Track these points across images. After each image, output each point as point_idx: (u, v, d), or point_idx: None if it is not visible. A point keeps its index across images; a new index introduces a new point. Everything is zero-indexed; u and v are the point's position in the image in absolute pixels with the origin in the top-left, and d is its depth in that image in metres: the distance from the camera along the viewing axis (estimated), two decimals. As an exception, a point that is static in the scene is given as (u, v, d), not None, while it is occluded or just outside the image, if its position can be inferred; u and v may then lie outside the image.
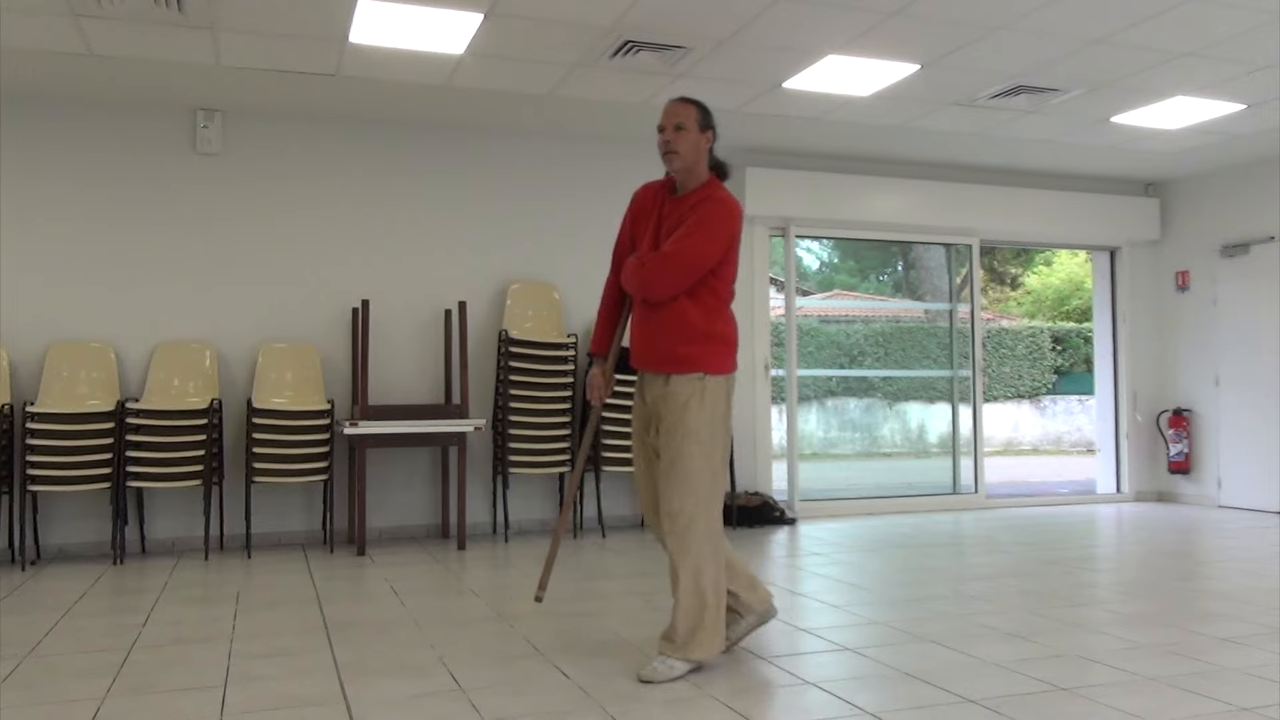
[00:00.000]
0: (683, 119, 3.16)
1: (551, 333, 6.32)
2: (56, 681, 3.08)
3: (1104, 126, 6.41)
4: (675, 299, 3.11)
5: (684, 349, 3.10)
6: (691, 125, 3.16)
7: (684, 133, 3.15)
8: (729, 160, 3.38)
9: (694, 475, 3.06)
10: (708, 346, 3.12)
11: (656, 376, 3.16)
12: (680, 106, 3.19)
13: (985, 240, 7.90)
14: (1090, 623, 3.77)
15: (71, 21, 4.54)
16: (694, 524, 3.05)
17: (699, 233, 3.08)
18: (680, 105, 3.20)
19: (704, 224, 3.09)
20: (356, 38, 4.79)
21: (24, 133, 5.58)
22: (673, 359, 3.11)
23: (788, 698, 2.89)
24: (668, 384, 3.12)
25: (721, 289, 3.17)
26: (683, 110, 3.18)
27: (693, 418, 3.07)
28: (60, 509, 5.46)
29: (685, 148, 3.16)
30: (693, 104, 3.21)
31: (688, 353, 3.10)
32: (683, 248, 3.08)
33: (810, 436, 14.16)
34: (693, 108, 3.19)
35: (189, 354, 5.71)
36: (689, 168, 3.20)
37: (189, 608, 4.16)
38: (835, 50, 5.03)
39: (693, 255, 3.08)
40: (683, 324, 3.11)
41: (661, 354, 3.13)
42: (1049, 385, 16.49)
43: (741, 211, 3.22)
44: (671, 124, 3.16)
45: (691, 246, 3.08)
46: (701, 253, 3.08)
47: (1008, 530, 6.42)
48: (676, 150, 3.16)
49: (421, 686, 2.99)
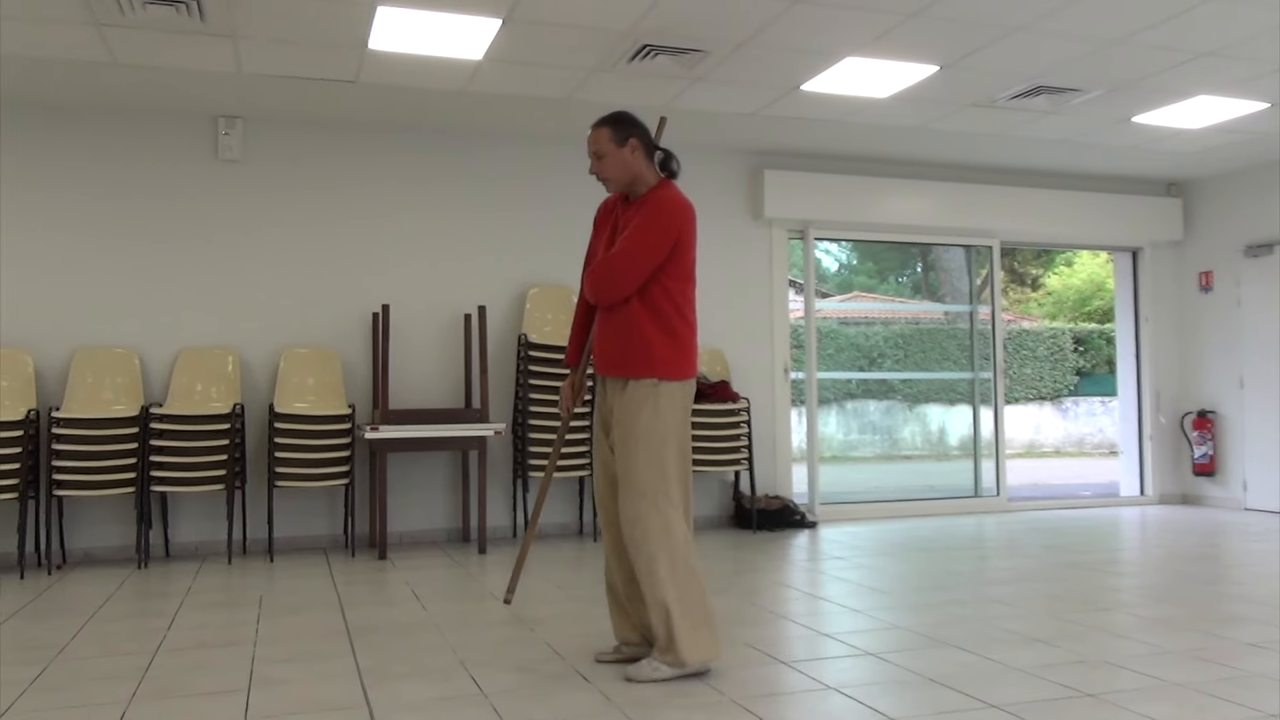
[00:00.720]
0: (599, 146, 3.19)
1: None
2: (82, 685, 3.11)
3: (1125, 126, 6.37)
4: (628, 303, 3.11)
5: (637, 354, 3.11)
6: (609, 148, 3.17)
7: (605, 159, 3.19)
8: (753, 161, 3.37)
9: (646, 480, 3.06)
10: (661, 351, 3.10)
11: (615, 381, 3.17)
12: (594, 134, 3.21)
13: (1006, 241, 7.86)
14: (1115, 627, 3.74)
15: (95, 31, 4.59)
16: (647, 528, 3.03)
17: (640, 232, 3.09)
18: (594, 133, 3.21)
19: (645, 223, 3.10)
20: (376, 44, 4.82)
21: (49, 142, 5.64)
22: (626, 363, 3.12)
23: (810, 703, 2.88)
24: (624, 388, 3.13)
25: (675, 291, 3.13)
26: (596, 138, 3.20)
27: (646, 423, 3.07)
28: (85, 513, 5.51)
29: (612, 170, 3.19)
30: (603, 125, 3.20)
31: (642, 357, 3.10)
32: (624, 248, 3.09)
33: (830, 439, 14.12)
34: (604, 129, 3.19)
35: (212, 359, 5.76)
36: (628, 182, 3.21)
37: (212, 612, 4.19)
38: (854, 52, 5.02)
39: (633, 255, 3.08)
40: (635, 328, 3.11)
41: (616, 358, 3.14)
42: (1071, 387, 16.38)
43: (688, 208, 3.18)
44: (592, 154, 3.21)
45: (632, 247, 3.09)
46: (642, 252, 3.08)
47: (1030, 533, 6.37)
48: (607, 177, 3.21)
49: (443, 690, 3.00)
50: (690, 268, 3.19)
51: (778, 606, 4.20)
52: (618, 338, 3.13)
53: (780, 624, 3.88)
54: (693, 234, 3.18)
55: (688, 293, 3.18)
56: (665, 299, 3.11)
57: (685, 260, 3.16)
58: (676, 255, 3.12)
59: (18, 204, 5.58)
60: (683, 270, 3.15)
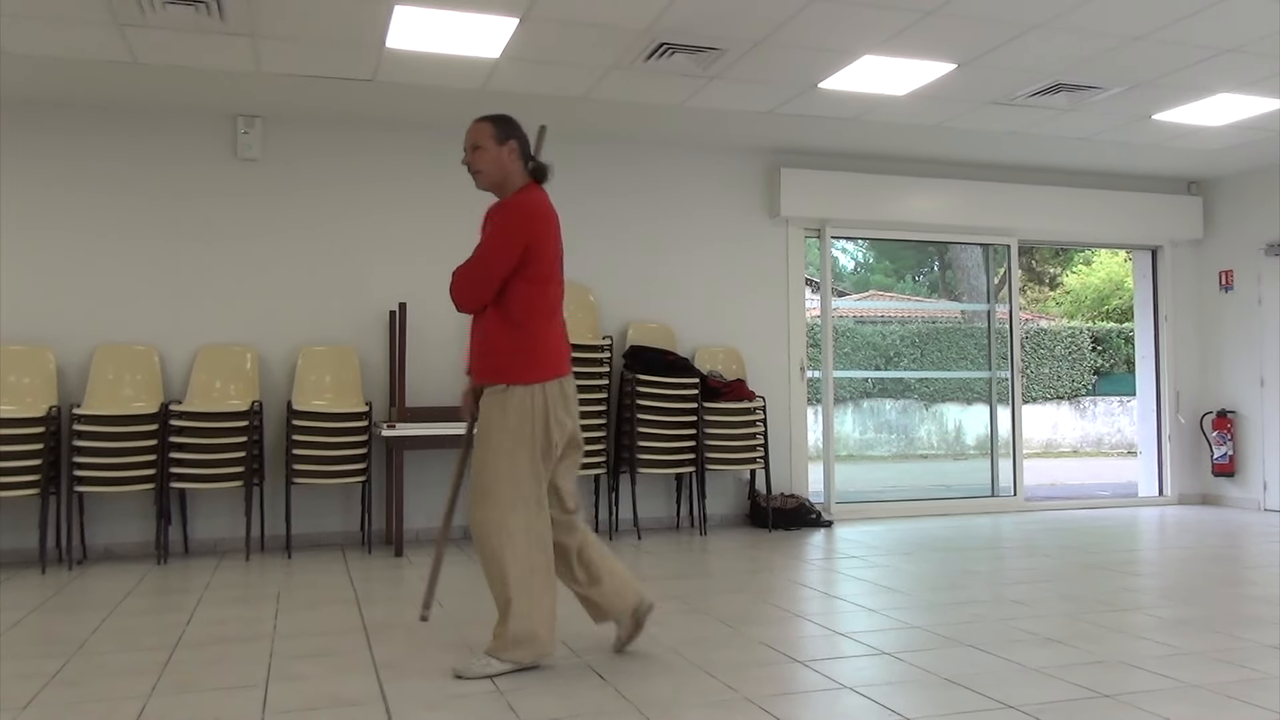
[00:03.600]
0: (478, 139, 3.21)
1: (587, 334, 6.33)
2: (103, 679, 3.14)
3: (1145, 124, 6.32)
4: (484, 310, 3.18)
5: (489, 360, 3.18)
6: (488, 143, 3.19)
7: (481, 151, 3.21)
8: (770, 159, 3.37)
9: (494, 484, 3.10)
10: (510, 357, 3.14)
11: (481, 386, 3.23)
12: (476, 127, 3.23)
13: (1024, 240, 7.82)
14: (1132, 628, 3.72)
15: (116, 30, 4.62)
16: (491, 531, 3.09)
17: (490, 240, 3.16)
18: (476, 125, 3.23)
19: (495, 231, 3.17)
20: (393, 43, 4.84)
21: (69, 141, 5.69)
22: (480, 370, 3.21)
23: (825, 702, 2.87)
24: (485, 394, 3.20)
25: (532, 295, 3.15)
26: (478, 130, 3.22)
27: (496, 427, 3.12)
28: (106, 509, 5.56)
29: (486, 165, 3.21)
30: (488, 121, 3.23)
31: (492, 364, 3.17)
32: (475, 256, 3.16)
33: (846, 438, 14.08)
34: (487, 124, 3.22)
35: (230, 357, 5.79)
36: (497, 182, 3.25)
37: (231, 607, 4.22)
38: (871, 50, 5.01)
39: (480, 265, 3.14)
40: (487, 335, 3.18)
41: (475, 365, 3.23)
42: (1089, 386, 16.28)
43: (541, 211, 3.20)
44: (469, 145, 3.22)
45: (478, 257, 3.15)
46: (489, 261, 3.13)
47: (1047, 533, 6.34)
48: (479, 169, 3.22)
49: (460, 688, 3.01)
50: (548, 270, 3.20)
51: (793, 605, 4.20)
52: (476, 345, 3.23)
53: (796, 623, 3.87)
54: (548, 236, 3.20)
55: (547, 295, 3.20)
56: (519, 304, 3.14)
57: (541, 263, 3.17)
58: (530, 259, 3.14)
59: (40, 202, 5.63)
60: (539, 273, 3.17)
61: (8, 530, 5.39)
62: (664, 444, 6.18)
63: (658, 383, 6.21)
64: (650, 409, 6.16)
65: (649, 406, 6.16)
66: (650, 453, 6.15)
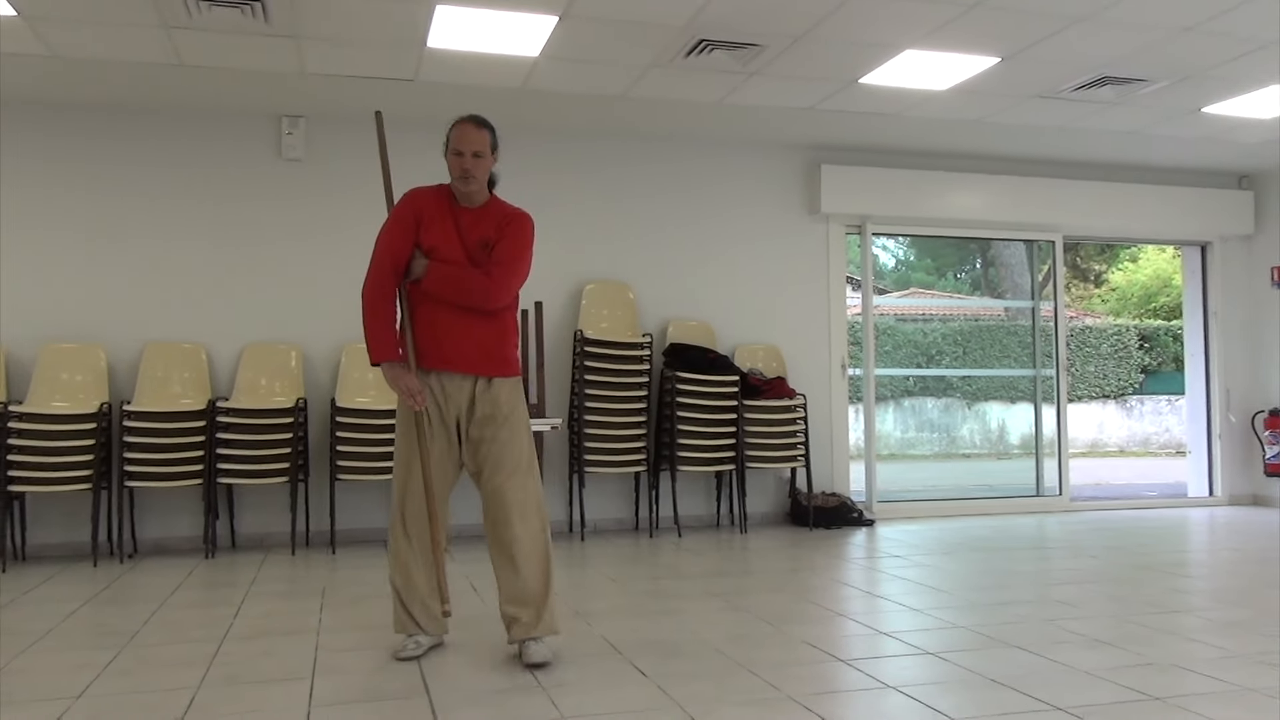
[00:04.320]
0: (480, 147, 3.26)
1: (626, 332, 6.34)
2: (153, 670, 3.20)
3: (1194, 117, 6.20)
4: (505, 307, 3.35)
5: (502, 353, 3.33)
6: (487, 152, 3.27)
7: (481, 159, 3.27)
8: (810, 156, 3.39)
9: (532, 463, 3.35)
10: (515, 350, 3.41)
11: (465, 378, 3.28)
12: (479, 134, 3.26)
13: (1069, 236, 7.71)
14: (1182, 630, 3.65)
15: (164, 33, 4.70)
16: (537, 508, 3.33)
17: (527, 251, 3.36)
18: (478, 133, 3.26)
19: (523, 240, 3.35)
20: (434, 43, 4.87)
21: (116, 144, 5.80)
22: (504, 363, 3.32)
23: (869, 701, 2.85)
24: (490, 385, 3.28)
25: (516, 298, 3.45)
26: (481, 139, 3.26)
27: (522, 413, 3.34)
28: (156, 504, 5.66)
29: (480, 172, 3.28)
30: (487, 129, 3.29)
31: (506, 356, 3.34)
32: (521, 265, 3.35)
33: (888, 437, 13.98)
34: (488, 134, 3.28)
35: (276, 355, 5.87)
36: (481, 188, 3.33)
37: (277, 601, 4.28)
38: (913, 44, 4.96)
39: (524, 270, 3.38)
40: (509, 331, 3.37)
41: (494, 358, 3.30)
42: (1136, 385, 16.01)
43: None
44: (470, 152, 3.25)
45: (524, 263, 3.36)
46: (523, 265, 3.37)
47: (1094, 534, 6.25)
48: (475, 175, 3.27)
49: (501, 683, 3.03)
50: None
51: (835, 604, 4.17)
52: (495, 338, 3.31)
53: (838, 622, 3.85)
54: None
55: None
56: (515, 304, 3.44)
57: None
58: None
59: (88, 204, 5.75)
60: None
61: (62, 524, 5.51)
62: (704, 442, 6.17)
63: (698, 380, 6.20)
64: (690, 407, 6.15)
65: (689, 404, 6.15)
66: (690, 450, 6.14)
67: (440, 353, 3.27)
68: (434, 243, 3.27)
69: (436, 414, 3.30)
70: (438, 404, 3.30)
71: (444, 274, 3.25)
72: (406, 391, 3.24)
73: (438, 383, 3.29)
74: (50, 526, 5.51)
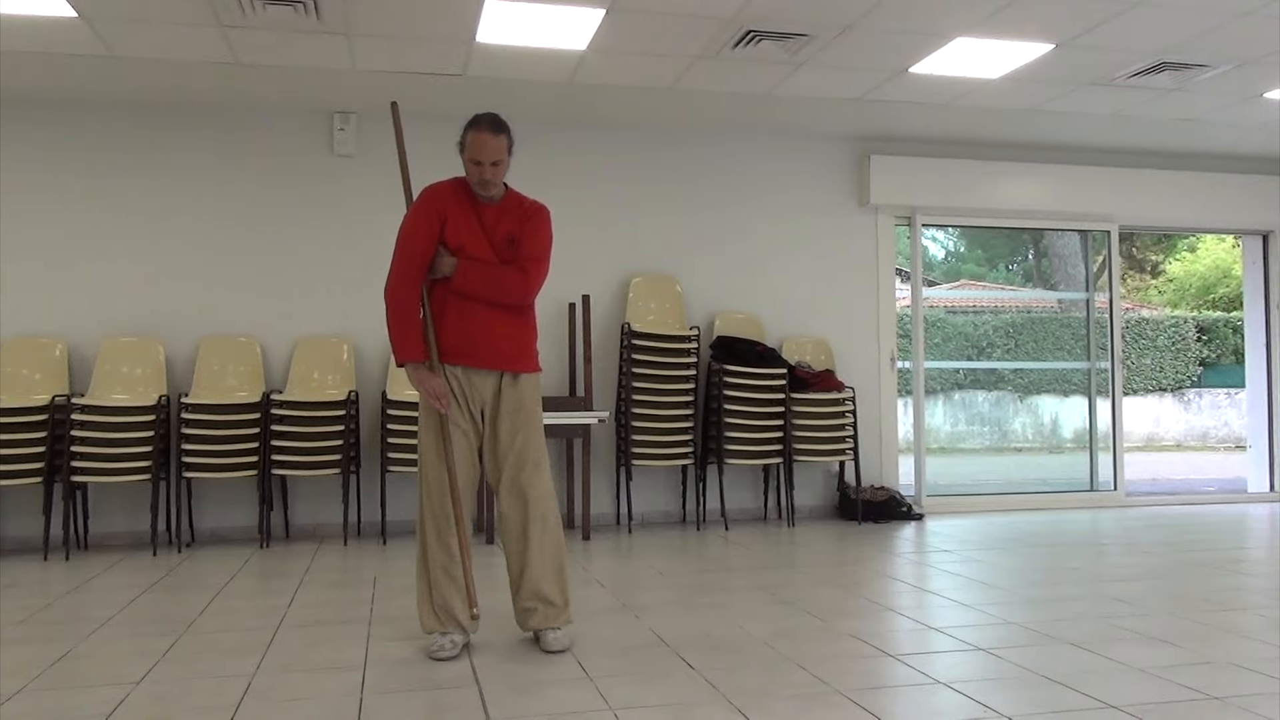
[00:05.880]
0: (499, 155, 3.26)
1: (674, 325, 6.34)
2: (211, 657, 3.27)
3: (1255, 103, 6.04)
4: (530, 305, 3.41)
5: (535, 349, 3.42)
6: (505, 157, 3.28)
7: (499, 166, 3.28)
8: (859, 146, 3.36)
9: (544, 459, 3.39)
10: (534, 346, 3.46)
11: (491, 374, 3.31)
12: (496, 142, 3.24)
13: (1125, 226, 7.55)
14: (1242, 628, 3.57)
15: (219, 32, 4.78)
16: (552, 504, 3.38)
17: (551, 245, 3.42)
18: (496, 141, 3.24)
19: (551, 237, 3.42)
20: (483, 37, 4.90)
21: (172, 141, 5.92)
22: (530, 358, 3.39)
23: (918, 697, 2.83)
24: (515, 380, 3.32)
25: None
26: (499, 146, 3.25)
27: (538, 409, 3.39)
28: (212, 495, 5.77)
29: (499, 178, 3.32)
30: (505, 134, 3.28)
31: (530, 351, 3.40)
32: (548, 259, 3.40)
33: (937, 430, 13.82)
34: (505, 139, 3.28)
35: (328, 348, 5.96)
36: (500, 187, 3.37)
37: (330, 591, 4.35)
38: (965, 32, 4.89)
39: (549, 264, 3.42)
40: (533, 326, 3.43)
41: (522, 354, 3.35)
42: (1194, 378, 15.66)
43: None
44: (490, 161, 3.24)
45: (543, 255, 3.40)
46: (547, 263, 3.42)
47: (1150, 529, 6.13)
48: (495, 182, 3.31)
49: (550, 674, 3.05)
50: None
51: (884, 599, 4.14)
52: (523, 333, 3.37)
53: (887, 617, 3.82)
54: None
55: None
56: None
57: None
58: None
59: (146, 201, 5.88)
60: None
61: (122, 514, 5.65)
62: (752, 435, 6.16)
63: (745, 373, 6.18)
64: (738, 400, 6.14)
65: (736, 397, 6.14)
66: (738, 443, 6.13)
67: (474, 349, 3.29)
68: (461, 240, 3.28)
69: (460, 411, 3.32)
70: (463, 398, 3.31)
71: (476, 271, 3.26)
72: (432, 394, 3.24)
73: (464, 378, 3.31)
74: (111, 516, 5.66)
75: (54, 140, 5.79)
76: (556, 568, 3.35)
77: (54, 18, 4.57)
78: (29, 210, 5.74)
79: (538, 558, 3.32)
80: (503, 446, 3.32)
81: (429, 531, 3.32)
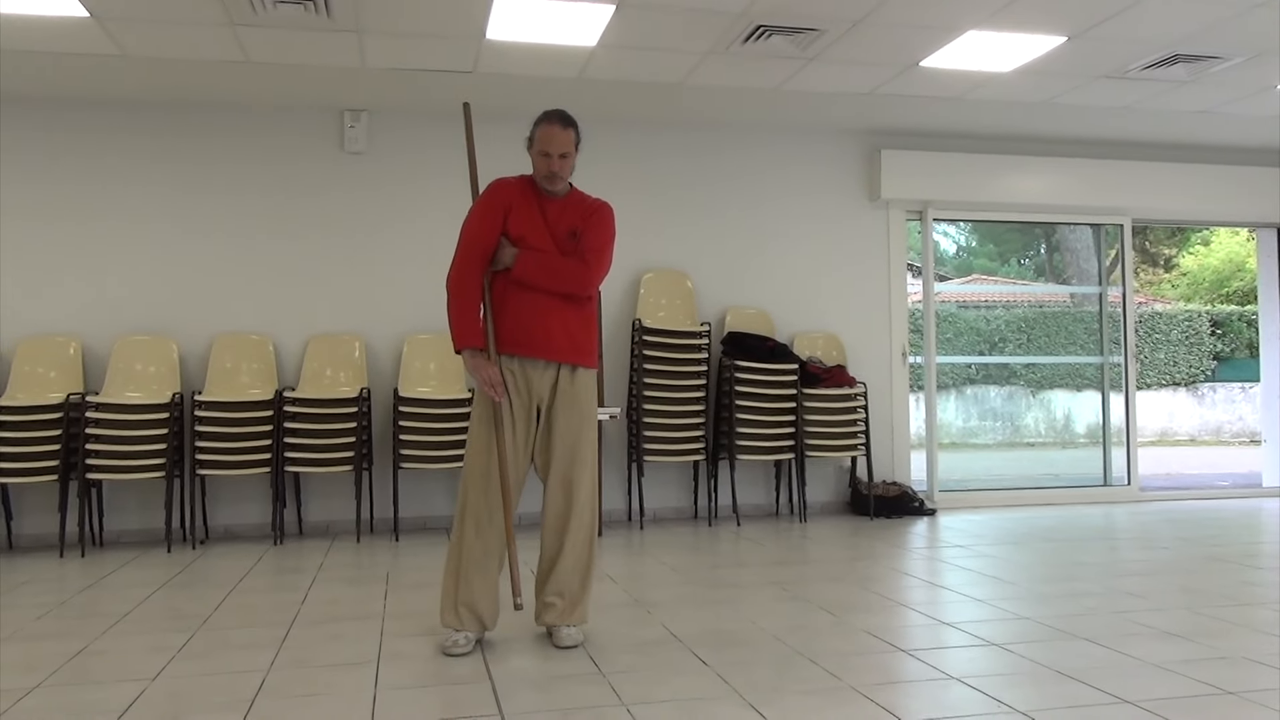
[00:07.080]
0: (567, 148, 3.28)
1: (685, 321, 6.34)
2: (225, 653, 3.28)
3: (1269, 95, 6.00)
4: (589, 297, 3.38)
5: (595, 345, 3.41)
6: (573, 151, 3.31)
7: (567, 160, 3.30)
8: (870, 141, 3.37)
9: (594, 459, 3.38)
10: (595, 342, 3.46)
11: (548, 367, 3.30)
12: (565, 135, 3.27)
13: (1137, 219, 7.52)
14: (1257, 623, 3.55)
15: (230, 30, 4.80)
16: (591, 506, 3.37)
17: (613, 240, 3.40)
18: (565, 134, 3.27)
19: (613, 232, 3.40)
20: (493, 34, 4.90)
21: (183, 140, 5.94)
22: (589, 353, 3.37)
23: (932, 692, 2.83)
24: (574, 375, 3.32)
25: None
26: (567, 139, 3.28)
27: (593, 407, 3.39)
28: (226, 492, 5.80)
29: (566, 171, 3.33)
30: (573, 127, 3.31)
31: (591, 347, 3.39)
32: (609, 253, 3.38)
33: (949, 426, 13.78)
34: (573, 133, 3.30)
35: (340, 346, 5.98)
36: (565, 183, 3.38)
37: (343, 587, 4.36)
38: (976, 25, 4.87)
39: (610, 259, 3.40)
40: (593, 321, 3.42)
41: (581, 348, 3.34)
42: (1208, 372, 15.57)
43: None
44: (558, 154, 3.26)
45: (611, 252, 3.40)
46: (611, 257, 3.41)
47: (1164, 524, 6.11)
48: (563, 175, 3.32)
49: (562, 669, 3.06)
50: None
51: (896, 594, 4.13)
52: (584, 328, 3.36)
53: (899, 612, 3.82)
54: None
55: None
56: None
57: None
58: None
59: (158, 200, 5.90)
60: None
61: (137, 511, 5.69)
62: (763, 430, 6.15)
63: (756, 369, 6.17)
64: (749, 395, 6.13)
65: (748, 393, 6.13)
66: (749, 439, 6.12)
67: (530, 339, 3.27)
68: (522, 232, 3.29)
69: (517, 402, 3.29)
70: (520, 390, 3.29)
71: (536, 260, 3.26)
72: (487, 381, 3.23)
73: (521, 369, 3.30)
74: (126, 513, 5.69)
75: (67, 140, 5.82)
76: (585, 567, 3.35)
77: (67, 18, 4.59)
78: (43, 209, 5.77)
79: (570, 555, 3.32)
80: (556, 440, 3.30)
81: (468, 524, 3.28)
